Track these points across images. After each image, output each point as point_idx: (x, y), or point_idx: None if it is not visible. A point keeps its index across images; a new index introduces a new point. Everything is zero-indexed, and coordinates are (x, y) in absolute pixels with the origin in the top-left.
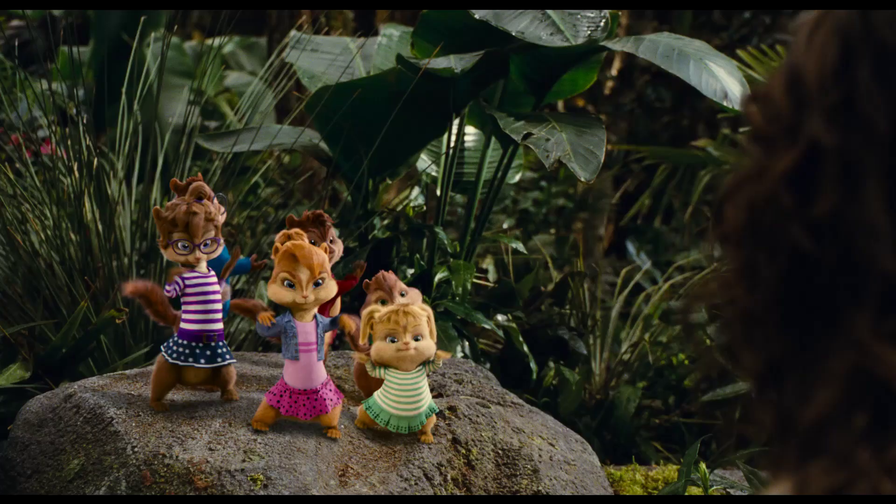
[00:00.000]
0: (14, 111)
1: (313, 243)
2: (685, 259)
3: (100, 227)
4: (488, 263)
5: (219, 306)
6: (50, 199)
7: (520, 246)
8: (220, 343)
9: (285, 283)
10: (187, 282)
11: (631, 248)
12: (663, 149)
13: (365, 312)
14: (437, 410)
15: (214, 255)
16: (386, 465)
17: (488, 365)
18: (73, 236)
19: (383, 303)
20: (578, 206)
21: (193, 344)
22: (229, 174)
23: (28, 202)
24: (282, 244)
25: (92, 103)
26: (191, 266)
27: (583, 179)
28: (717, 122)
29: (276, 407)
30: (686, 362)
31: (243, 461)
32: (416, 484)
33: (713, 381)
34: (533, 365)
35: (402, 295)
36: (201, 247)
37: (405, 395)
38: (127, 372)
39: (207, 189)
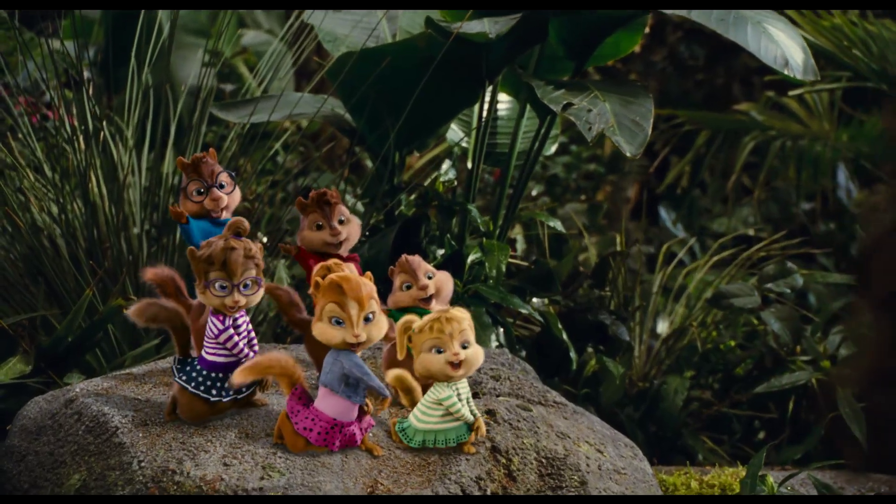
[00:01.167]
0: (24, 70)
1: (319, 227)
2: (721, 226)
3: (107, 202)
4: (516, 233)
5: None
6: (53, 171)
7: (558, 224)
8: None
9: (333, 320)
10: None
11: (664, 215)
12: (703, 113)
13: (400, 323)
14: (476, 416)
15: (254, 301)
16: (419, 479)
17: (524, 353)
18: (79, 211)
19: (408, 287)
20: (608, 170)
21: (220, 375)
22: (246, 141)
23: (30, 174)
24: (322, 277)
25: (103, 65)
26: (225, 314)
27: (629, 154)
28: (753, 82)
29: (305, 436)
30: (734, 347)
31: (262, 479)
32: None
33: (767, 370)
34: (573, 354)
35: (429, 277)
36: (241, 287)
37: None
38: (135, 370)
39: (246, 224)
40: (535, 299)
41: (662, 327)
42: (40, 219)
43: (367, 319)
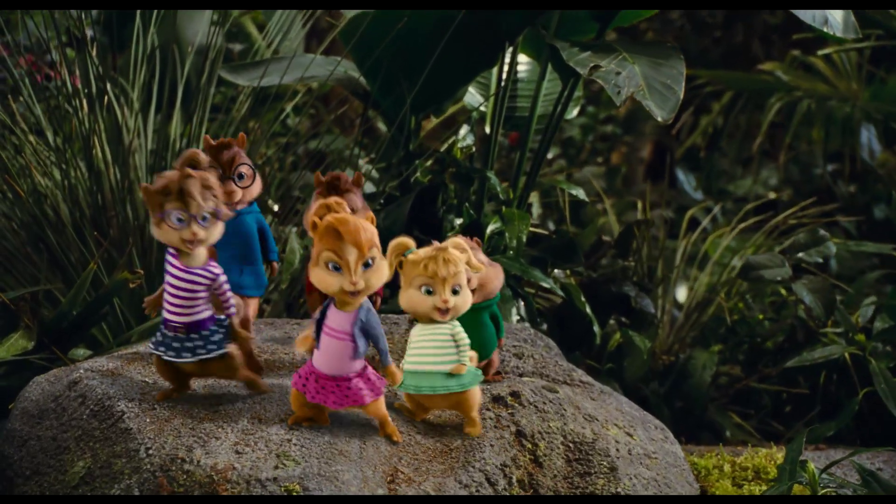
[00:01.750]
0: (24, 30)
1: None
2: (741, 189)
3: (112, 167)
4: (532, 198)
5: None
6: (56, 135)
7: (580, 193)
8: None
9: (330, 265)
10: (171, 269)
11: (682, 178)
12: (727, 73)
13: (395, 243)
14: (482, 378)
15: (212, 238)
16: (442, 467)
17: (545, 326)
18: (82, 177)
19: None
20: (624, 130)
21: (172, 335)
22: (256, 102)
23: (32, 138)
24: (320, 218)
25: (107, 24)
26: (182, 251)
27: (660, 119)
28: (772, 40)
29: (302, 392)
30: (763, 318)
31: (276, 467)
32: (476, 491)
33: (797, 343)
34: (596, 328)
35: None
36: (199, 219)
37: (424, 346)
38: (141, 349)
39: (201, 156)
40: (556, 271)
41: (682, 295)
42: (43, 183)
43: (366, 265)
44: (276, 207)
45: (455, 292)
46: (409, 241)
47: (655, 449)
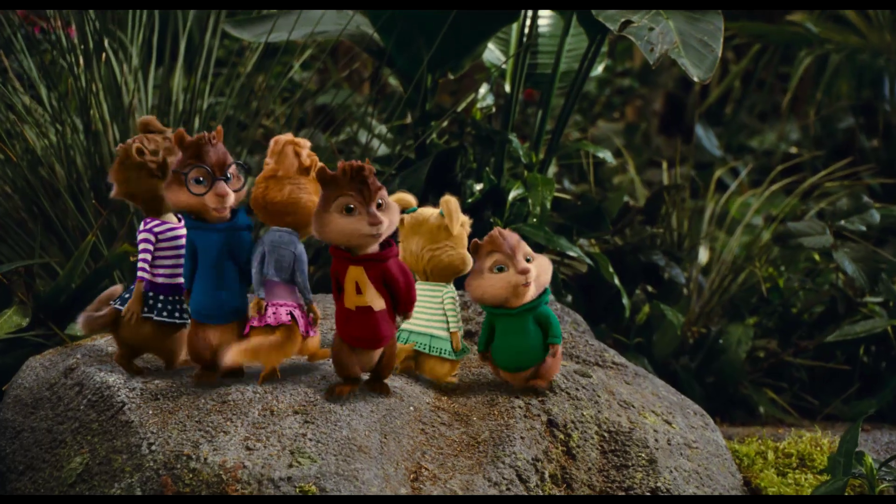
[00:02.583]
0: None
1: (349, 210)
2: (762, 144)
3: (111, 128)
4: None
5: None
6: (50, 92)
7: (608, 155)
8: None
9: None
10: (158, 234)
11: (701, 132)
12: (755, 24)
13: (394, 198)
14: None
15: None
16: (469, 462)
17: (569, 297)
18: (79, 140)
19: (500, 269)
20: (641, 83)
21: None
22: (264, 55)
23: (24, 98)
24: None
25: None
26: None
27: (697, 79)
28: None
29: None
30: (798, 288)
31: (290, 466)
32: (507, 489)
33: (836, 315)
34: (625, 301)
35: (528, 260)
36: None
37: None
38: None
39: (157, 124)
40: (581, 239)
41: (703, 256)
42: (37, 143)
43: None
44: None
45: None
46: (408, 199)
47: (696, 437)
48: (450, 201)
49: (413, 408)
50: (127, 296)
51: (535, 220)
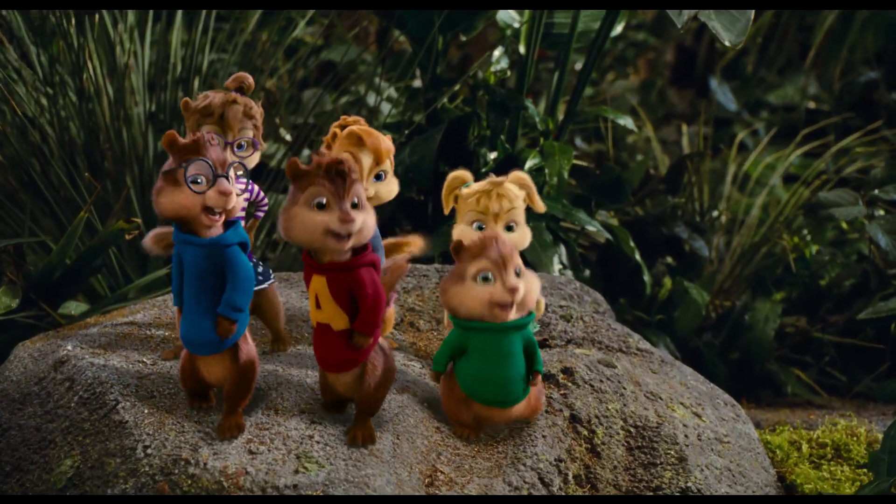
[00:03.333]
0: None
1: (320, 206)
2: (780, 98)
3: (106, 92)
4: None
5: None
6: (39, 52)
7: (628, 122)
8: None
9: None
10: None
11: (716, 86)
12: None
13: (452, 177)
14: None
15: (250, 162)
16: (487, 465)
17: (587, 272)
18: (71, 104)
19: (485, 279)
20: (653, 35)
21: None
22: (265, 11)
23: (11, 58)
24: (341, 129)
25: None
26: None
27: (728, 43)
28: None
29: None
30: (827, 259)
31: (296, 472)
32: (529, 494)
33: (868, 290)
34: (647, 277)
35: (518, 274)
36: (235, 147)
37: None
38: (139, 318)
39: (250, 80)
40: (601, 211)
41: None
42: (29, 107)
43: (377, 178)
44: (288, 137)
45: (509, 229)
46: (465, 175)
47: (727, 431)
48: (524, 177)
49: (426, 404)
50: None
51: (552, 191)
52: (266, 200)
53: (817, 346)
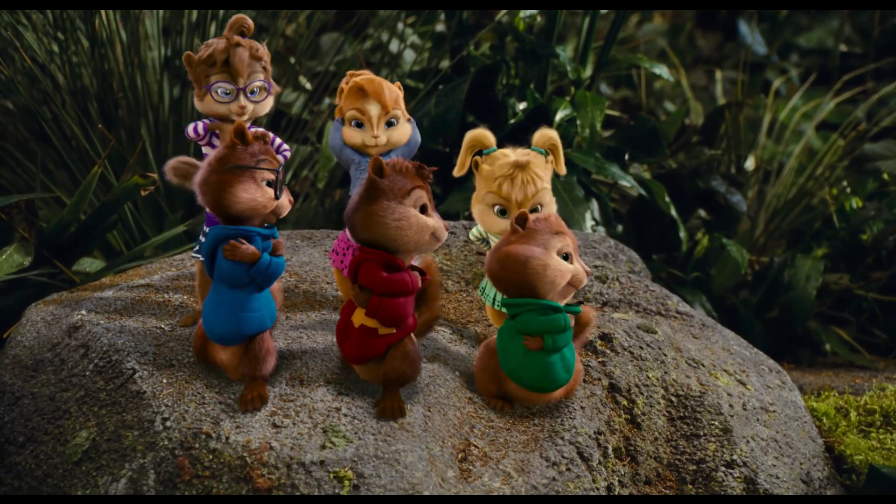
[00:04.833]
0: None
1: (359, 125)
2: (811, 42)
3: (119, 38)
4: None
5: None
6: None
7: (664, 72)
8: None
9: (353, 122)
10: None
11: (744, 29)
12: None
13: (470, 136)
14: None
15: (264, 107)
16: (524, 438)
17: (620, 227)
18: (83, 51)
19: (566, 258)
20: None
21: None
22: None
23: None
24: (347, 84)
25: None
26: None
27: None
28: None
29: (342, 268)
30: (873, 216)
31: (322, 447)
32: (567, 470)
33: None
34: (682, 234)
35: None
36: (247, 93)
37: None
38: (155, 279)
39: (250, 23)
40: (634, 164)
41: (750, 163)
42: (41, 55)
43: (389, 124)
44: (308, 85)
45: (534, 211)
46: (487, 137)
47: (773, 399)
48: (552, 137)
49: (458, 373)
50: None
51: (584, 143)
52: (287, 148)
53: (856, 303)
